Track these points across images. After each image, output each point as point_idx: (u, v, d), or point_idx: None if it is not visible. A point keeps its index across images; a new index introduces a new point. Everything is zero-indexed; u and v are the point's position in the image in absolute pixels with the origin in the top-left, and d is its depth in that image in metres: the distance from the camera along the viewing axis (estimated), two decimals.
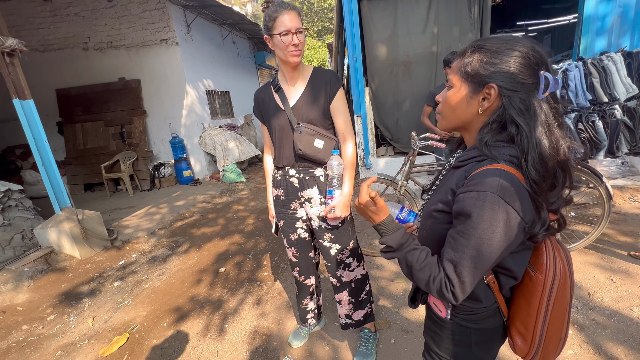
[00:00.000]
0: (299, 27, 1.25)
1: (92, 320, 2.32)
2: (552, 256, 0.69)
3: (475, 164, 0.69)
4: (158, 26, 5.94)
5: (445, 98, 0.75)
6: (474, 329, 0.78)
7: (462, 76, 0.70)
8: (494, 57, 0.65)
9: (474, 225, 0.63)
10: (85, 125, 6.33)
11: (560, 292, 0.68)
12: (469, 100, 0.70)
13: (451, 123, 0.76)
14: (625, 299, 1.90)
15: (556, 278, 0.68)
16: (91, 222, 3.41)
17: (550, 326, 0.69)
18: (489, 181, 0.62)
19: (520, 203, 0.61)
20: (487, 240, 0.62)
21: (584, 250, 2.40)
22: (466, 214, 0.64)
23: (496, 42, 0.67)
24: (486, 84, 0.66)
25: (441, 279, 0.67)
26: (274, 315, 2.15)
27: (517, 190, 0.61)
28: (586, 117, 1.83)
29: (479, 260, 0.64)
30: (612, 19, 3.32)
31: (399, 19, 3.78)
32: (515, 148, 0.65)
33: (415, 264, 0.71)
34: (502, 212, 0.61)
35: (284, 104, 1.41)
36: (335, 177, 1.35)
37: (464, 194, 0.65)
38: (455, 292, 0.66)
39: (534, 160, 0.63)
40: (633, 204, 3.11)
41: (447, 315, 0.79)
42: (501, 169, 0.63)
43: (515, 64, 0.64)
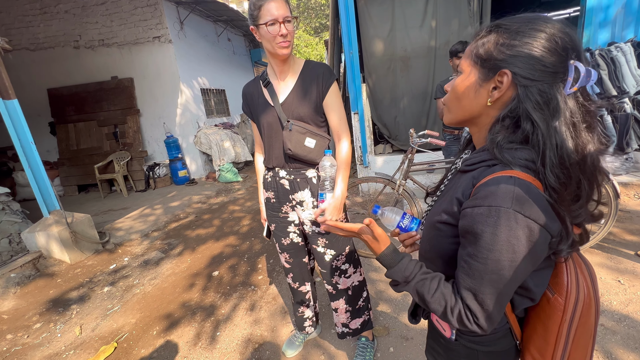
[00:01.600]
0: (286, 15, 1.14)
1: (80, 328, 2.23)
2: (575, 276, 0.59)
3: (485, 169, 0.59)
4: (150, 23, 5.81)
5: (453, 86, 0.64)
6: (482, 352, 0.69)
7: (472, 60, 0.59)
8: (512, 38, 0.54)
9: (489, 248, 0.53)
10: (78, 125, 6.21)
11: (583, 318, 0.58)
12: (477, 88, 0.59)
13: (456, 116, 0.65)
14: (634, 301, 1.81)
15: (579, 302, 0.58)
16: (81, 225, 3.32)
17: (571, 355, 0.60)
18: (501, 193, 0.52)
19: (544, 214, 0.52)
20: (509, 262, 0.53)
21: (590, 250, 2.31)
22: (476, 234, 0.54)
23: (518, 20, 0.55)
24: (499, 69, 0.55)
25: (460, 309, 0.58)
26: (268, 321, 2.06)
27: (537, 200, 0.52)
28: None
29: (502, 285, 0.54)
30: (615, 10, 3.22)
31: (396, 13, 3.67)
32: (525, 150, 0.55)
33: (427, 295, 0.61)
34: (523, 229, 0.51)
35: (273, 99, 1.31)
36: (328, 179, 1.25)
37: (471, 209, 0.55)
38: (481, 324, 0.56)
39: (552, 164, 0.52)
40: (638, 201, 3.03)
41: (452, 335, 0.70)
42: (515, 177, 0.53)
43: (539, 48, 0.52)
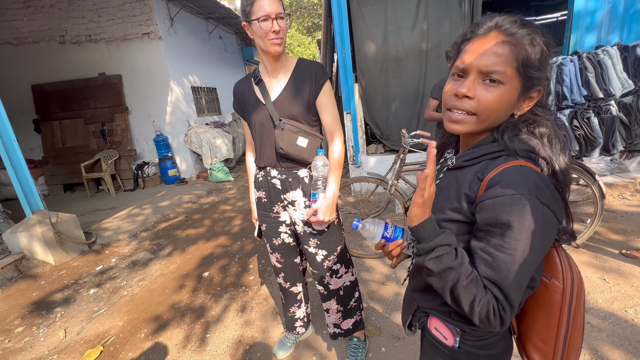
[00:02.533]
0: (279, 12, 1.12)
1: (64, 332, 2.16)
2: (566, 259, 0.61)
3: (489, 162, 0.60)
4: (139, 19, 5.69)
5: (490, 97, 0.57)
6: (484, 356, 0.69)
7: (521, 72, 0.55)
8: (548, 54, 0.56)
9: (516, 237, 0.53)
10: (63, 122, 6.05)
11: (579, 297, 0.61)
12: (516, 99, 0.59)
13: (486, 126, 0.62)
14: (619, 299, 1.86)
15: (575, 283, 0.60)
16: (66, 225, 3.22)
17: (571, 337, 0.61)
18: (521, 181, 0.53)
19: (555, 201, 0.55)
20: (532, 252, 0.54)
21: (576, 249, 2.36)
22: (502, 224, 0.54)
23: (544, 32, 0.57)
24: (538, 85, 0.58)
25: (488, 302, 0.56)
26: (259, 323, 2.04)
27: (550, 188, 0.55)
28: (581, 113, 1.77)
29: (523, 277, 0.55)
30: (601, 15, 3.30)
31: (389, 14, 3.68)
32: (532, 141, 0.59)
33: (464, 277, 0.56)
34: (540, 216, 0.53)
35: (265, 97, 1.29)
36: (320, 178, 1.24)
37: (492, 200, 0.55)
38: (505, 318, 0.56)
39: (561, 163, 0.59)
40: (622, 201, 3.11)
41: (455, 343, 0.68)
42: (526, 166, 0.55)
43: (549, 62, 0.58)
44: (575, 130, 1.78)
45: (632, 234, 2.52)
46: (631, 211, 2.90)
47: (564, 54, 3.39)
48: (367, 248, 2.83)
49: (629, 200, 3.10)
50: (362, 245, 2.90)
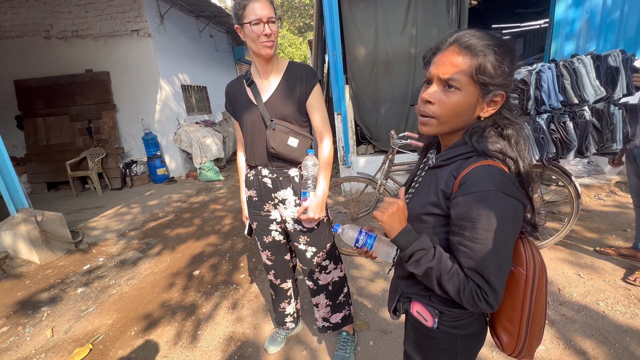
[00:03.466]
0: (271, 16, 1.17)
1: (51, 331, 2.14)
2: (530, 248, 0.69)
3: (463, 162, 0.67)
4: (128, 16, 5.61)
5: (448, 102, 0.65)
6: (459, 336, 0.76)
7: (475, 80, 0.62)
8: (503, 61, 0.62)
9: (487, 228, 0.60)
10: (48, 119, 5.90)
11: (540, 282, 0.68)
12: (476, 105, 0.66)
13: (449, 128, 0.69)
14: (592, 293, 1.97)
15: (536, 270, 0.67)
16: (52, 224, 3.17)
17: (534, 317, 0.69)
18: (487, 179, 0.61)
19: (519, 194, 0.62)
20: (504, 240, 0.61)
21: (554, 246, 2.48)
22: (472, 219, 0.61)
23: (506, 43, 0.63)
24: (496, 92, 0.64)
25: (472, 289, 0.63)
26: (250, 319, 2.07)
27: (513, 182, 0.63)
28: (558, 117, 1.87)
29: (502, 261, 0.63)
30: (580, 24, 3.46)
31: (379, 19, 3.76)
32: (499, 142, 0.65)
33: (444, 273, 0.65)
34: (509, 207, 0.61)
35: (257, 98, 1.33)
36: (310, 178, 1.29)
37: (463, 197, 0.62)
38: (490, 301, 0.63)
39: (528, 159, 0.66)
40: (598, 201, 3.27)
41: (434, 324, 0.76)
42: (492, 165, 0.63)
43: (514, 69, 0.64)
44: (553, 133, 1.88)
45: (606, 233, 2.66)
46: (606, 211, 3.05)
47: (544, 61, 3.54)
48: None
49: (604, 201, 3.26)
50: None
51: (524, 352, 0.72)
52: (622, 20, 3.39)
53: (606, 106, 1.80)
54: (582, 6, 3.40)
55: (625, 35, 3.44)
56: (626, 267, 2.16)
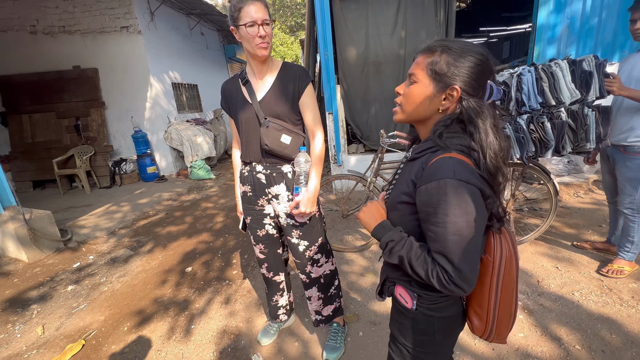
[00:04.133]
0: (265, 18, 1.22)
1: (42, 328, 2.14)
2: (499, 239, 0.75)
3: (431, 155, 0.73)
4: (118, 12, 5.54)
5: (409, 93, 0.76)
6: (437, 317, 0.81)
7: (429, 74, 0.72)
8: (458, 60, 0.69)
9: (445, 212, 0.66)
10: (33, 116, 5.77)
11: (507, 269, 0.74)
12: (432, 98, 0.73)
13: (410, 117, 0.79)
14: (568, 284, 2.09)
15: (503, 257, 0.73)
16: (41, 222, 3.13)
17: (501, 302, 0.75)
18: (445, 168, 0.66)
19: (478, 180, 0.67)
20: (465, 223, 0.66)
21: (535, 241, 2.60)
22: (433, 205, 0.67)
23: (461, 45, 0.71)
24: (450, 85, 0.70)
25: (437, 271, 0.69)
26: (243, 313, 2.11)
27: (471, 171, 0.67)
28: (537, 118, 1.97)
29: (466, 245, 0.67)
30: (561, 29, 3.61)
31: (370, 20, 3.83)
32: (465, 137, 0.70)
33: (414, 259, 0.73)
34: (466, 192, 0.65)
35: (252, 97, 1.38)
36: (302, 174, 1.35)
37: (425, 185, 0.69)
38: (458, 283, 0.67)
39: (490, 155, 0.68)
40: (576, 198, 3.43)
41: (413, 305, 0.82)
42: (453, 157, 0.68)
43: (475, 70, 0.69)
44: (532, 133, 1.99)
45: (583, 228, 2.81)
46: (584, 208, 3.21)
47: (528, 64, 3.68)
48: (347, 242, 2.97)
49: (582, 198, 3.42)
50: (342, 240, 3.03)
51: (492, 335, 0.78)
52: (600, 26, 3.56)
53: (581, 108, 1.91)
54: (563, 12, 3.56)
55: (603, 41, 3.61)
56: (600, 260, 2.29)
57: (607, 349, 1.59)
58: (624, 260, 2.09)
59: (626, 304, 1.86)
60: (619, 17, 3.45)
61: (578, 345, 1.63)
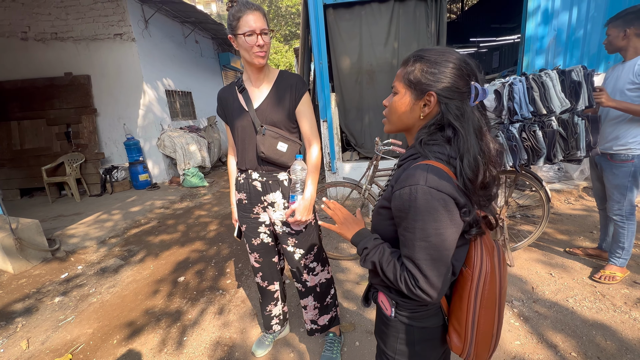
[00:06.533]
0: (263, 28, 1.23)
1: (27, 342, 2.06)
2: (480, 252, 0.73)
3: (412, 162, 0.74)
4: (112, 19, 5.53)
5: (392, 104, 0.78)
6: (417, 327, 0.79)
7: (406, 84, 0.74)
8: (432, 67, 0.70)
9: (415, 218, 0.66)
10: (22, 123, 5.67)
11: (487, 286, 0.70)
12: (412, 106, 0.74)
13: (396, 127, 0.81)
14: (562, 291, 2.10)
15: (482, 272, 0.71)
16: (28, 232, 3.05)
17: (480, 321, 0.71)
18: (417, 175, 0.66)
19: (452, 189, 0.66)
20: (434, 230, 0.65)
21: (529, 248, 2.62)
22: (404, 210, 0.68)
23: (434, 53, 0.72)
24: (427, 91, 0.71)
25: (405, 276, 0.70)
26: (237, 324, 2.07)
27: (446, 179, 0.66)
28: (528, 127, 2.01)
29: (434, 252, 0.66)
30: (548, 41, 3.72)
31: (363, 30, 3.90)
32: (446, 146, 0.70)
33: (385, 264, 0.73)
34: (438, 200, 0.65)
35: (248, 105, 1.37)
36: (299, 182, 1.34)
37: (398, 191, 0.69)
38: (424, 288, 0.67)
39: (469, 160, 0.67)
40: (568, 205, 3.49)
41: (392, 313, 0.81)
42: (430, 164, 0.68)
43: (451, 74, 0.69)
44: (524, 141, 2.02)
45: (575, 234, 2.85)
46: (575, 214, 3.26)
47: (517, 73, 3.77)
48: (342, 250, 2.95)
49: (572, 205, 3.47)
50: (337, 247, 3.01)
51: (471, 356, 0.74)
52: (586, 37, 3.68)
53: (571, 117, 1.96)
54: (550, 24, 3.67)
55: (589, 52, 3.72)
56: (592, 266, 2.31)
57: (602, 356, 1.60)
58: (616, 266, 2.12)
59: (619, 309, 1.88)
60: (603, 29, 3.58)
61: (574, 352, 1.63)
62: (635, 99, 1.83)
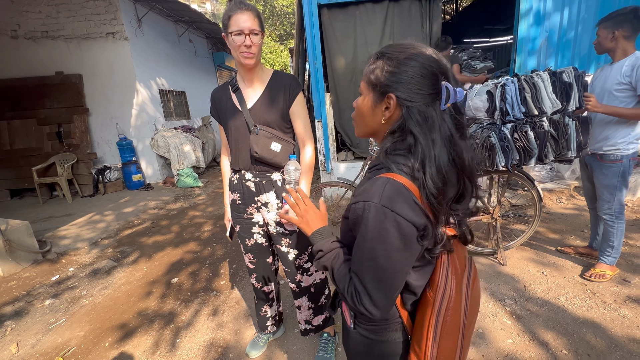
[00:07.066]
0: (253, 28, 1.22)
1: (16, 345, 2.02)
2: (445, 274, 0.66)
3: (376, 173, 0.67)
4: (104, 18, 5.47)
5: (357, 105, 0.72)
6: (376, 341, 0.74)
7: (367, 84, 0.68)
8: (393, 65, 0.62)
9: (364, 237, 0.61)
10: (12, 123, 5.58)
11: (450, 312, 0.65)
12: (373, 108, 0.68)
13: (362, 130, 0.74)
14: (553, 289, 2.13)
15: (445, 297, 0.65)
16: (17, 233, 3.00)
17: (441, 348, 0.65)
18: (373, 191, 0.60)
19: (409, 210, 0.58)
20: (382, 252, 0.60)
21: (521, 247, 2.65)
22: (357, 225, 0.63)
23: (397, 49, 0.64)
24: (387, 93, 0.64)
25: (351, 289, 0.65)
26: (232, 325, 2.06)
27: (404, 198, 0.59)
28: (520, 127, 2.03)
29: (381, 274, 0.61)
30: (540, 42, 3.77)
31: (358, 30, 3.90)
32: (410, 157, 0.62)
33: (336, 271, 0.69)
34: (391, 221, 0.58)
35: (242, 105, 1.37)
36: (292, 182, 1.34)
37: (354, 204, 0.64)
38: (366, 307, 0.63)
39: (431, 173, 0.59)
40: (559, 204, 3.53)
41: (351, 324, 0.77)
42: (390, 178, 0.61)
43: (413, 74, 0.61)
44: (516, 142, 2.04)
45: (567, 233, 2.88)
46: (566, 213, 3.30)
47: (510, 74, 3.81)
48: None
49: (564, 204, 3.52)
50: None
51: None
52: (577, 39, 3.73)
53: (562, 117, 1.98)
54: (542, 26, 3.71)
55: (579, 53, 3.78)
56: (583, 265, 2.35)
57: (592, 353, 1.62)
58: (606, 265, 2.15)
59: (609, 307, 1.91)
60: (594, 30, 3.63)
61: (565, 350, 1.65)
62: (623, 99, 1.87)
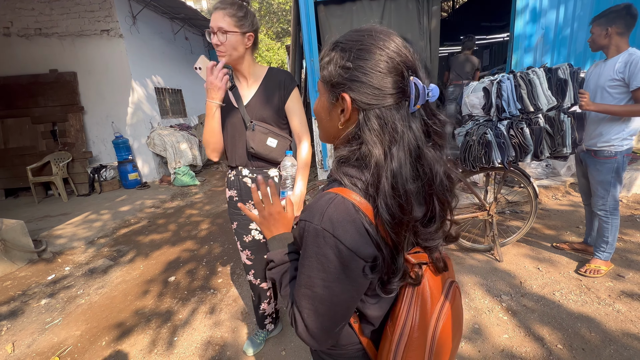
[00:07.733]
0: (220, 26, 1.21)
1: (12, 345, 2.01)
2: (407, 307, 0.56)
3: (328, 185, 0.58)
4: (98, 15, 5.41)
5: (314, 106, 0.61)
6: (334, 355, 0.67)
7: (321, 81, 0.56)
8: (347, 59, 0.50)
9: (303, 261, 0.53)
10: (6, 121, 5.52)
11: (411, 347, 0.55)
12: (329, 111, 0.56)
13: (323, 134, 0.62)
14: (549, 285, 2.15)
15: (404, 334, 0.55)
16: (12, 233, 2.97)
17: None
18: (315, 209, 0.51)
19: (355, 236, 0.49)
20: (321, 281, 0.51)
21: (517, 243, 2.67)
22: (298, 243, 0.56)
23: (353, 37, 0.51)
24: (341, 92, 0.52)
25: (292, 314, 0.57)
26: (229, 323, 2.06)
27: (350, 220, 0.49)
28: (516, 124, 2.04)
29: (319, 305, 0.52)
30: (536, 39, 3.77)
31: (355, 26, 3.89)
32: (365, 171, 0.51)
33: (282, 287, 0.63)
34: (332, 248, 0.49)
35: (238, 101, 1.36)
36: (289, 178, 1.33)
37: (298, 222, 0.55)
38: (303, 337, 0.55)
39: (385, 192, 0.48)
40: (555, 201, 3.56)
41: None
42: (338, 195, 0.51)
43: (372, 69, 0.49)
44: (512, 138, 2.05)
45: (562, 229, 2.91)
46: (562, 210, 3.32)
47: (506, 71, 3.82)
48: None
49: (560, 200, 3.54)
50: None
51: None
52: (572, 36, 3.75)
53: (557, 114, 1.99)
54: (538, 23, 3.72)
55: (575, 50, 3.79)
56: (578, 260, 2.37)
57: (587, 347, 1.64)
58: (600, 260, 2.17)
59: (603, 302, 1.93)
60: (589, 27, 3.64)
61: (560, 344, 1.67)
62: (616, 95, 1.88)
